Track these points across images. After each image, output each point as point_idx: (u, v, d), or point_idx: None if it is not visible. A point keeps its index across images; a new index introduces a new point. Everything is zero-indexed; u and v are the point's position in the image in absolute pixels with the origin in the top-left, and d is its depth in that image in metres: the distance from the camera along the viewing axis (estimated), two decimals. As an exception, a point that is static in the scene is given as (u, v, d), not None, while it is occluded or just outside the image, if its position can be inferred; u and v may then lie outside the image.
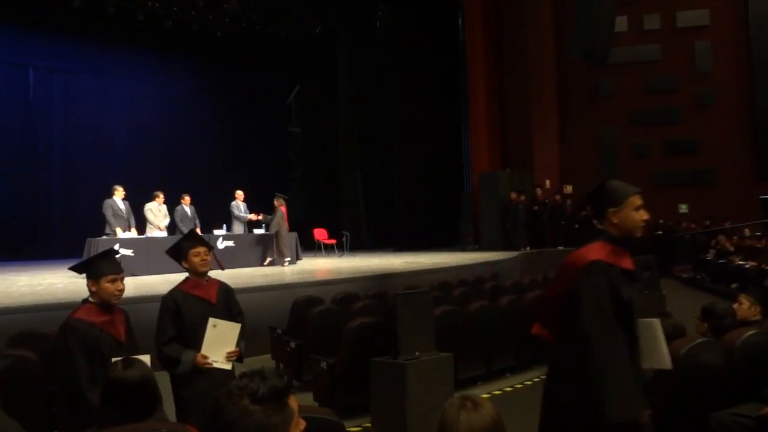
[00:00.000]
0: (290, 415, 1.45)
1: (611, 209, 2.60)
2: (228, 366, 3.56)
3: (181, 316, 3.60)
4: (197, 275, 3.72)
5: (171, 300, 3.65)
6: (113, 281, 3.21)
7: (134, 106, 17.59)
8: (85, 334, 3.09)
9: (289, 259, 11.84)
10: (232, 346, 3.55)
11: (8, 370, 3.60)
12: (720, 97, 17.00)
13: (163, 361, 3.57)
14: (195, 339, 3.55)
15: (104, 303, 3.21)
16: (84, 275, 3.37)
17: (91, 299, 3.23)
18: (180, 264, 3.79)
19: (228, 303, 3.81)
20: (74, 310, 3.23)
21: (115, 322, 3.25)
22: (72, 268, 3.48)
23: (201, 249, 3.70)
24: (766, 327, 3.62)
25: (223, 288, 3.82)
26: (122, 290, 3.25)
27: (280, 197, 12.09)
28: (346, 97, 19.66)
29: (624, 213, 2.58)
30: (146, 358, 2.77)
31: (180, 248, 3.75)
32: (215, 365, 3.48)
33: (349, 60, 19.64)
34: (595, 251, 2.55)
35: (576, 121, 17.59)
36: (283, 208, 11.90)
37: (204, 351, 3.49)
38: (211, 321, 3.50)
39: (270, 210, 12.08)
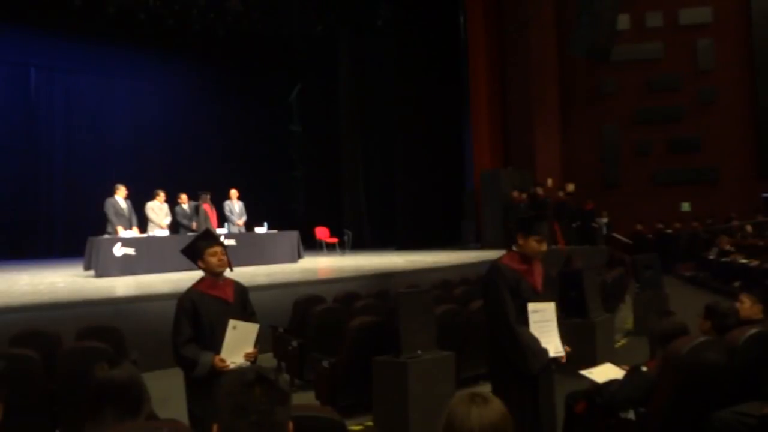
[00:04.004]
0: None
1: None
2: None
3: (199, 317, 3.52)
4: (213, 275, 3.64)
5: (188, 300, 3.57)
6: (540, 242, 3.61)
7: (135, 104, 17.62)
8: (509, 275, 3.55)
9: None
10: (250, 347, 3.51)
11: (9, 370, 3.60)
12: (722, 95, 16.95)
13: (179, 362, 3.51)
14: (213, 339, 3.48)
15: (525, 256, 3.62)
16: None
17: (515, 249, 3.68)
18: (195, 264, 3.71)
19: (243, 303, 3.75)
20: (500, 257, 3.75)
21: (533, 273, 3.62)
22: (517, 221, 3.88)
23: (217, 249, 3.63)
24: (768, 325, 3.60)
25: (239, 287, 3.76)
26: (544, 251, 3.66)
27: (203, 194, 11.37)
28: (348, 95, 19.66)
29: None
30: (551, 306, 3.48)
31: (196, 248, 3.66)
32: (233, 367, 3.39)
33: (351, 58, 19.64)
34: None
35: (578, 120, 17.55)
36: (206, 206, 11.25)
37: (224, 352, 3.43)
38: (232, 322, 3.44)
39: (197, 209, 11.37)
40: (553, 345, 3.41)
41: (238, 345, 3.47)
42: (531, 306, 3.39)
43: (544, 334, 3.39)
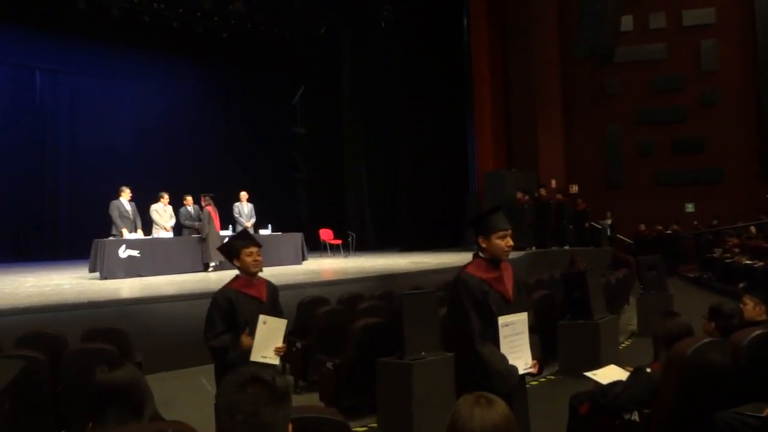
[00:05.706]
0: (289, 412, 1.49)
1: None
2: (276, 361, 3.62)
3: (235, 314, 3.65)
4: (248, 274, 3.77)
5: (223, 298, 3.70)
6: (503, 237, 3.14)
7: (140, 107, 17.65)
8: (475, 288, 3.09)
9: (215, 264, 10.67)
10: (279, 342, 3.63)
11: (19, 374, 3.62)
12: (726, 95, 16.93)
13: (213, 353, 3.64)
14: None
15: (494, 259, 3.16)
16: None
17: (481, 255, 3.20)
18: (231, 262, 3.86)
19: (274, 302, 3.89)
20: (465, 265, 3.23)
21: (502, 279, 3.18)
22: (470, 222, 3.41)
23: (254, 249, 3.77)
24: (772, 327, 3.59)
25: (271, 287, 3.91)
26: (511, 246, 3.18)
27: (207, 196, 11.28)
28: (351, 97, 19.67)
29: None
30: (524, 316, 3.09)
31: (232, 247, 3.82)
32: (264, 361, 3.52)
33: (354, 60, 19.66)
34: None
35: (581, 120, 17.55)
36: (209, 208, 11.12)
37: (255, 348, 3.55)
38: (262, 317, 3.57)
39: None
40: (523, 360, 3.12)
41: (269, 340, 3.58)
42: (501, 320, 3.04)
43: (514, 349, 3.09)
